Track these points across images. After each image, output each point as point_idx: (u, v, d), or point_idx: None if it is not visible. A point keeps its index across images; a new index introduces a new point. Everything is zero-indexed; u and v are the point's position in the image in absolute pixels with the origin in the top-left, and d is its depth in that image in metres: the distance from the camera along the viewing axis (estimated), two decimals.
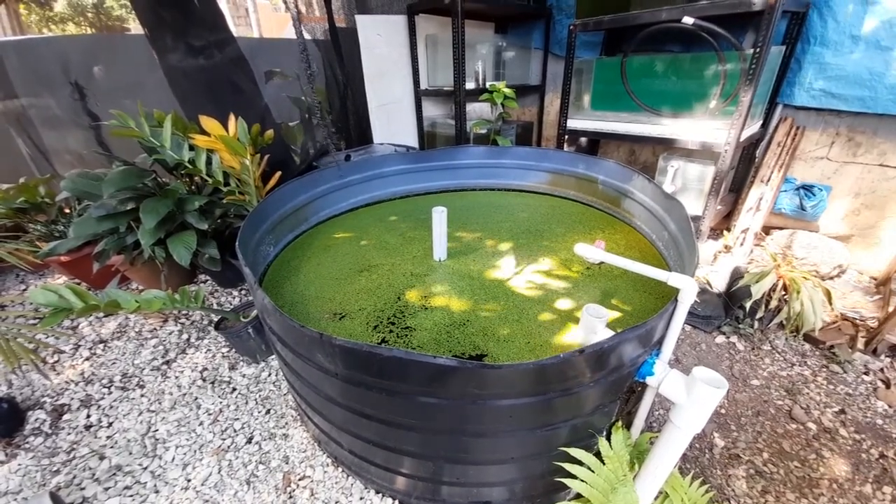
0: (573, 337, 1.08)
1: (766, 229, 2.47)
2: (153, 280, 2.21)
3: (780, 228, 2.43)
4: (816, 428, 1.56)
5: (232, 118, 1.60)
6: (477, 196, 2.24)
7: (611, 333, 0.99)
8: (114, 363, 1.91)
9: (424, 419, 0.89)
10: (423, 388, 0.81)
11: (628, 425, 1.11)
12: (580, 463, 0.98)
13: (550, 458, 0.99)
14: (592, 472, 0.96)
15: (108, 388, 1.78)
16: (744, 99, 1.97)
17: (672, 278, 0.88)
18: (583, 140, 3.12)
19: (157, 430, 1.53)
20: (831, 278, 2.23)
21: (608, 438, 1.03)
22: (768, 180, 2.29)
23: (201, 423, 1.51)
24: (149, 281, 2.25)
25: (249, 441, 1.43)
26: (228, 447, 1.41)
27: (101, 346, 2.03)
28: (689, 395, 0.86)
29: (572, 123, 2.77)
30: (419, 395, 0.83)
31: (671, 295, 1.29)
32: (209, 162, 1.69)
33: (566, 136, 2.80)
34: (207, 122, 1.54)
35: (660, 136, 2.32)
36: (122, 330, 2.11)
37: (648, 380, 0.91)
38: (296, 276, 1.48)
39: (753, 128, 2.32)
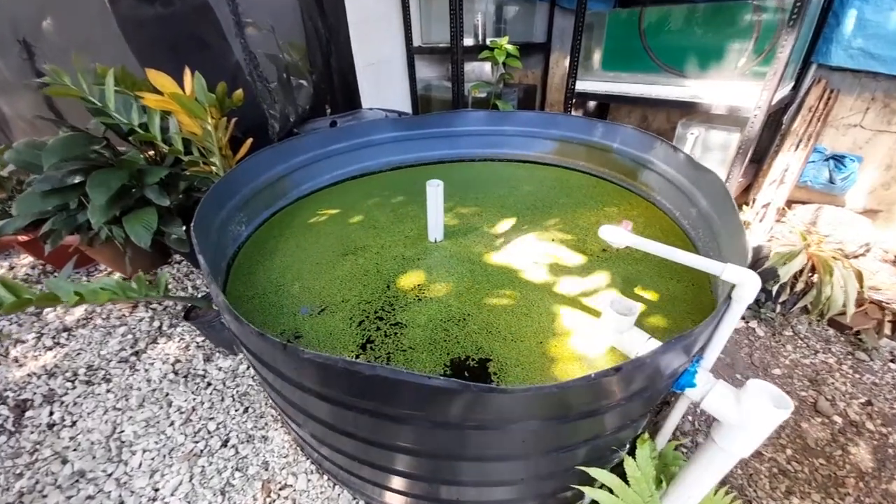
0: (595, 336, 0.91)
1: (788, 203, 2.29)
2: (121, 261, 2.01)
3: (804, 203, 2.25)
4: (842, 421, 1.45)
5: (187, 73, 1.35)
6: (476, 167, 2.02)
7: (640, 332, 0.83)
8: (78, 354, 1.74)
9: (417, 443, 0.73)
10: (415, 413, 0.65)
11: (653, 433, 0.97)
12: (598, 481, 0.84)
13: (565, 477, 0.85)
14: (615, 495, 0.82)
15: (72, 381, 1.62)
16: (781, 55, 1.73)
17: (728, 271, 0.71)
18: (591, 104, 2.86)
19: (122, 432, 1.38)
20: (856, 257, 2.07)
21: (632, 452, 0.89)
22: (796, 149, 2.09)
23: (172, 424, 1.37)
24: (115, 262, 2.05)
25: (225, 444, 1.28)
26: (201, 451, 1.27)
27: (65, 334, 1.86)
28: (742, 413, 0.70)
29: (581, 85, 2.51)
30: (410, 420, 0.67)
31: (703, 283, 1.13)
32: (166, 127, 1.45)
33: (573, 101, 2.54)
34: (157, 77, 1.29)
35: (679, 100, 2.09)
36: (89, 317, 1.93)
37: (688, 392, 0.76)
38: (270, 260, 1.29)
39: (784, 90, 2.09)
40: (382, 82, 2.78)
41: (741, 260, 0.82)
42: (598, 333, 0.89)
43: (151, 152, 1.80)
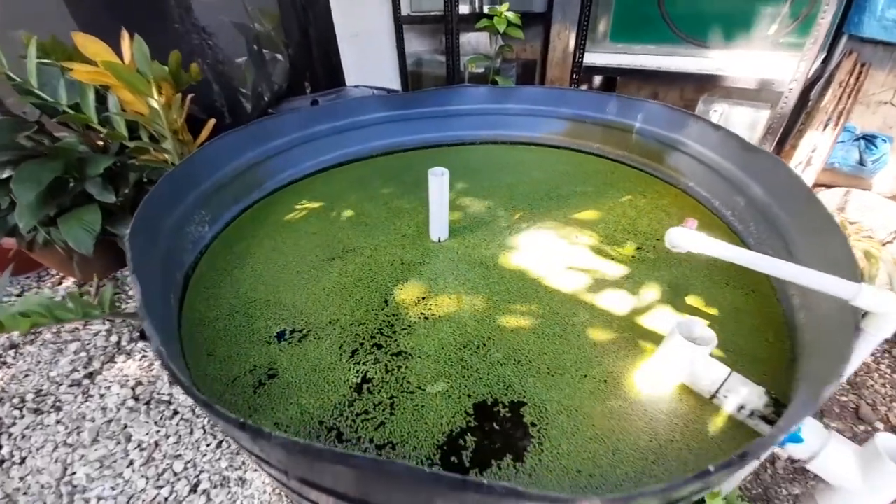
0: (656, 368, 0.72)
1: (813, 187, 2.13)
2: (70, 265, 1.75)
3: (828, 186, 2.10)
4: (885, 427, 1.32)
5: (125, 36, 1.08)
6: (478, 151, 1.80)
7: (719, 366, 0.64)
8: (26, 376, 1.50)
9: None
10: None
11: None
12: None
13: None
14: None
15: (20, 409, 1.38)
16: (822, 20, 1.53)
17: (864, 296, 0.52)
18: (596, 79, 2.63)
19: (74, 474, 1.16)
20: (883, 245, 1.94)
21: None
22: (825, 128, 1.91)
23: (131, 464, 1.15)
24: (65, 266, 1.78)
25: (194, 489, 1.08)
26: (166, 499, 1.06)
27: (11, 352, 1.60)
28: (868, 478, 0.53)
29: (587, 59, 2.28)
30: None
31: (765, 289, 0.94)
32: (105, 106, 1.19)
33: (580, 75, 2.31)
34: (87, 43, 1.02)
35: (702, 73, 1.88)
36: (38, 330, 1.67)
37: (792, 449, 0.58)
38: (240, 268, 1.06)
39: (815, 63, 1.90)
40: (368, 56, 2.50)
41: (847, 272, 0.63)
42: (660, 365, 0.70)
43: (101, 142, 1.52)
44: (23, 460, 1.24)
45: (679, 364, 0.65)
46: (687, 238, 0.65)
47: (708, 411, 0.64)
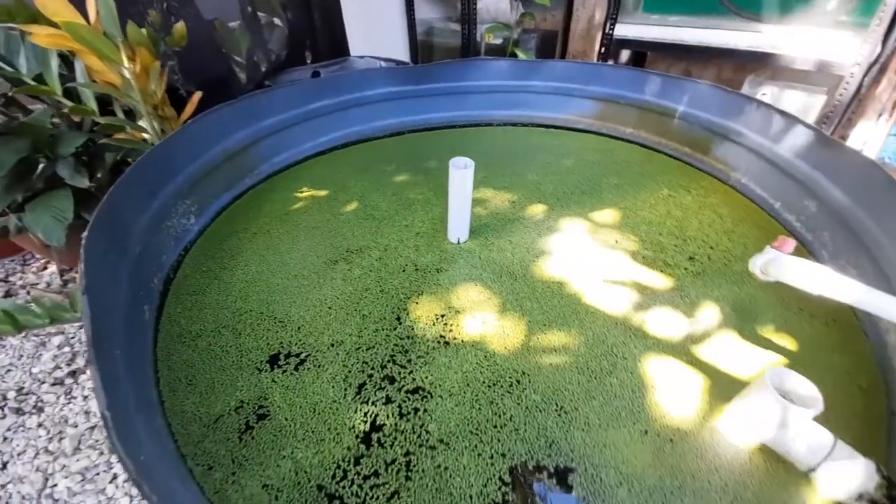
0: (737, 430, 0.58)
1: None
2: (50, 250, 1.61)
3: None
4: None
5: None
6: (496, 134, 1.62)
7: (823, 433, 0.51)
8: (8, 371, 1.40)
9: None
10: None
11: None
12: None
13: None
14: None
15: (2, 409, 1.29)
16: None
17: None
18: (623, 54, 2.40)
19: (55, 486, 1.07)
20: None
21: None
22: (878, 118, 1.72)
23: (114, 479, 1.06)
24: (46, 250, 1.64)
25: None
26: None
27: None
28: None
29: (618, 30, 2.05)
30: None
31: (847, 317, 0.77)
32: (69, 74, 1.02)
33: (609, 49, 2.10)
34: (45, 1, 0.85)
35: (748, 49, 1.67)
36: None
37: None
38: (230, 270, 0.92)
39: (879, 45, 1.68)
40: (375, 23, 2.27)
41: None
42: (743, 425, 0.57)
43: (76, 117, 1.34)
44: (4, 465, 1.15)
45: (769, 427, 0.52)
46: (793, 270, 0.50)
47: (804, 489, 0.52)
